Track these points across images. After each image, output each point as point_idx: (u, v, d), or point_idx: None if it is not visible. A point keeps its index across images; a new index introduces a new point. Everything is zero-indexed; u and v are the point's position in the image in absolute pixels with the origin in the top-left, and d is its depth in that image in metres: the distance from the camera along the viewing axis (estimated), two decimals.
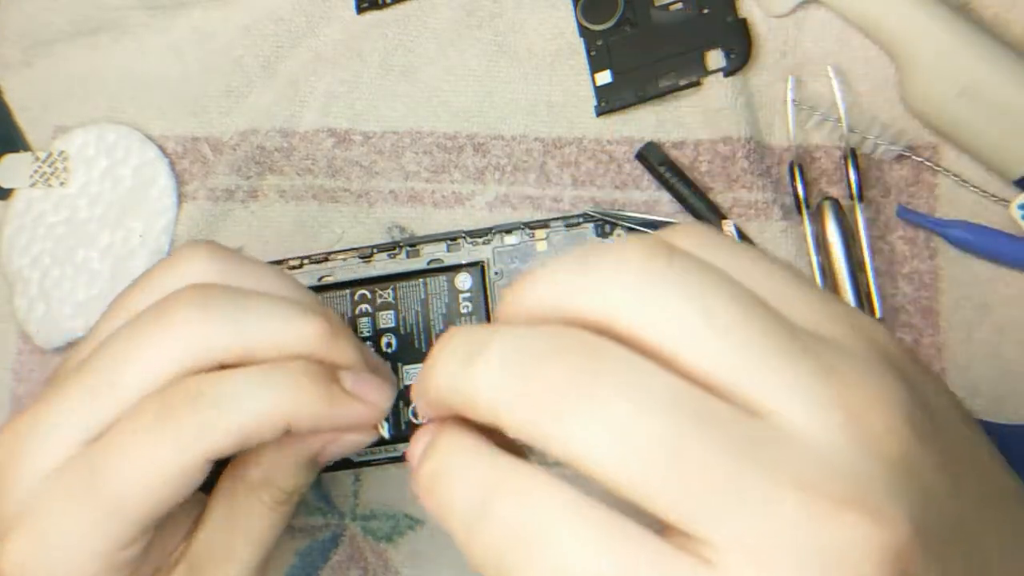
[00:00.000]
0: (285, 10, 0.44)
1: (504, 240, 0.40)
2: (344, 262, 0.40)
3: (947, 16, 0.37)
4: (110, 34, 0.45)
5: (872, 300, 0.38)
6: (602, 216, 0.40)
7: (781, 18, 0.40)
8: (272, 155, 0.43)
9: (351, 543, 0.40)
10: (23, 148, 0.45)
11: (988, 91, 0.37)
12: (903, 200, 0.39)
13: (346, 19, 0.43)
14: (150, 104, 0.44)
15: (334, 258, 0.40)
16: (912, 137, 0.39)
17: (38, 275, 0.43)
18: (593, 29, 0.41)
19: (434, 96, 0.42)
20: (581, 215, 0.40)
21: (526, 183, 0.41)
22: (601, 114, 0.41)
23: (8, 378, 0.44)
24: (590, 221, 0.39)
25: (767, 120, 0.40)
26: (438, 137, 0.42)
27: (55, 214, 0.44)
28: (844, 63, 0.40)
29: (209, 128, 0.44)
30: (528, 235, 0.39)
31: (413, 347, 0.39)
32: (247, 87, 0.44)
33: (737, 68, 0.40)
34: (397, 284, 0.40)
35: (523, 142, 0.41)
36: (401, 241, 0.40)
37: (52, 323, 0.43)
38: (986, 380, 0.37)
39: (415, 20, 0.43)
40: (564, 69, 0.42)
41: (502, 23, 0.42)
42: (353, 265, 0.40)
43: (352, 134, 0.43)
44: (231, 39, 0.44)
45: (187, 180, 0.44)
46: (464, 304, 0.39)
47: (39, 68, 0.45)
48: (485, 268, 0.39)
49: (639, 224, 0.39)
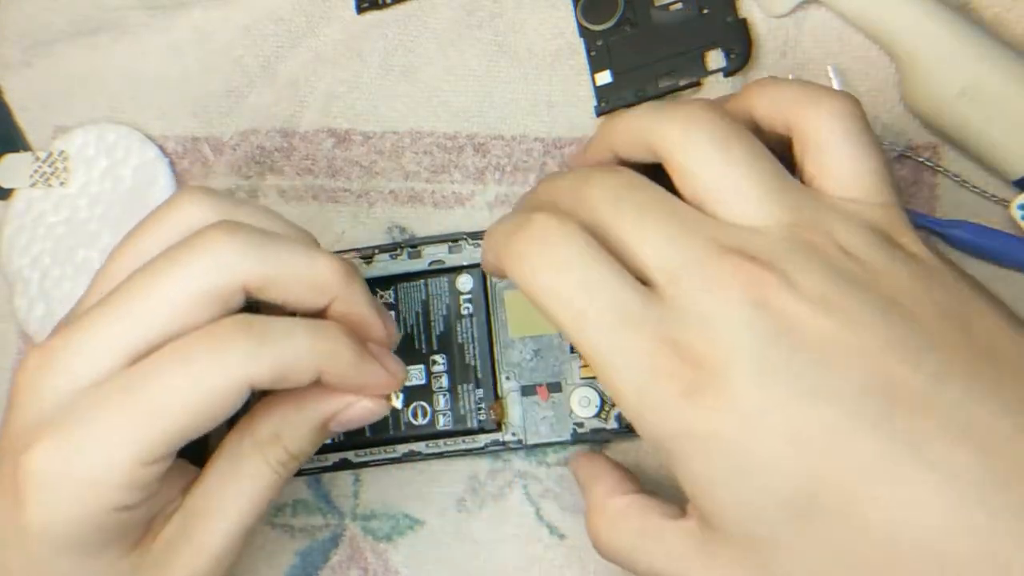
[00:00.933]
0: (285, 10, 0.44)
1: None
2: None
3: (947, 16, 0.37)
4: (110, 34, 0.45)
5: None
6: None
7: (781, 18, 0.40)
8: (272, 155, 0.43)
9: (351, 543, 0.40)
10: (23, 148, 0.45)
11: (988, 91, 0.37)
12: (903, 200, 0.39)
13: (346, 19, 0.43)
14: (150, 104, 0.44)
15: None
16: (912, 137, 0.39)
17: (38, 275, 0.44)
18: (593, 29, 0.41)
19: (434, 96, 0.42)
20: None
21: (526, 183, 0.41)
22: (601, 114, 0.41)
23: (8, 378, 0.44)
24: None
25: None
26: (438, 137, 0.42)
27: (55, 214, 0.44)
28: (844, 63, 0.40)
29: (209, 128, 0.44)
30: None
31: (414, 348, 0.39)
32: (247, 87, 0.44)
33: (737, 68, 0.40)
34: (398, 285, 0.40)
35: (523, 142, 0.42)
36: (402, 242, 0.40)
37: (52, 323, 0.43)
38: None
39: (415, 20, 0.43)
40: (564, 69, 0.42)
41: (502, 23, 0.42)
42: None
43: (352, 134, 0.43)
44: (231, 39, 0.44)
45: (187, 180, 0.44)
46: (465, 306, 0.39)
47: (39, 68, 0.45)
48: None
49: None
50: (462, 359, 0.39)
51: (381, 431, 0.39)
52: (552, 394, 0.38)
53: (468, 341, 0.39)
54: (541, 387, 0.38)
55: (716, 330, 0.25)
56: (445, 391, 0.39)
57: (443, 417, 0.39)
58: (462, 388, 0.39)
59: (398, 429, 0.39)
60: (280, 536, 0.41)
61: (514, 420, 0.38)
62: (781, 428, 0.25)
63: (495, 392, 0.39)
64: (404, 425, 0.39)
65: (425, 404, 0.39)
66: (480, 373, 0.39)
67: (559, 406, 0.38)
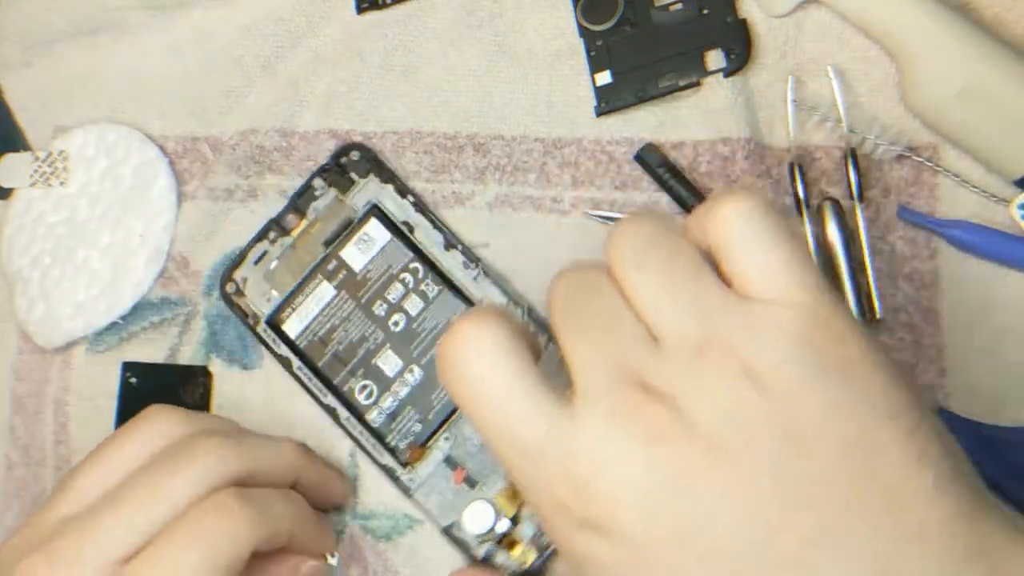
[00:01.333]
0: (285, 10, 0.44)
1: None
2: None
3: (947, 16, 0.37)
4: (110, 34, 0.45)
5: (872, 300, 0.38)
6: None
7: (781, 18, 0.40)
8: (272, 155, 0.43)
9: (351, 542, 0.40)
10: (23, 148, 0.45)
11: (988, 91, 0.37)
12: (903, 200, 0.39)
13: (346, 19, 0.43)
14: (150, 104, 0.44)
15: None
16: (912, 137, 0.39)
17: (38, 275, 0.44)
18: (593, 29, 0.41)
19: (434, 96, 0.42)
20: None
21: (526, 183, 0.41)
22: (601, 114, 0.41)
23: (8, 378, 0.44)
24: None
25: (767, 121, 0.40)
26: (438, 137, 0.42)
27: (55, 214, 0.44)
28: (844, 63, 0.40)
29: (209, 128, 0.44)
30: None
31: (409, 343, 0.40)
32: (247, 87, 0.44)
33: (737, 68, 0.40)
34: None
35: (523, 142, 0.41)
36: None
37: (52, 323, 0.43)
38: (986, 380, 0.37)
39: (415, 20, 0.43)
40: (564, 69, 0.42)
41: (502, 23, 0.42)
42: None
43: (352, 134, 0.43)
44: (231, 39, 0.44)
45: (187, 180, 0.44)
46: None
47: (39, 68, 0.45)
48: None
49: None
50: (430, 390, 0.39)
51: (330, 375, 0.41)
52: (464, 484, 0.39)
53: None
54: (461, 470, 0.39)
55: (611, 468, 0.26)
56: (398, 399, 0.40)
57: (378, 415, 0.40)
58: (410, 411, 0.39)
59: (349, 397, 0.40)
60: None
61: (420, 472, 0.39)
62: (662, 569, 0.25)
63: (427, 439, 0.39)
64: (353, 395, 0.40)
65: (377, 390, 0.40)
66: (432, 415, 0.39)
67: (460, 496, 0.39)
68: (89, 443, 0.43)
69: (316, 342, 0.40)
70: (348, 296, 0.40)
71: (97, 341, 0.43)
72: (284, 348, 0.41)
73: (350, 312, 0.40)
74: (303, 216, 0.41)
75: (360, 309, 0.40)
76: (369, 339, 0.40)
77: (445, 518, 0.39)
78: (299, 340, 0.40)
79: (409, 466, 0.39)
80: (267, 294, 0.41)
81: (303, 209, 0.41)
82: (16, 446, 0.44)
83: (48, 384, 0.44)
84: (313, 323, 0.40)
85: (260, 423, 0.41)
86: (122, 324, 0.43)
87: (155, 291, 0.43)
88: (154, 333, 0.43)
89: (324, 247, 0.41)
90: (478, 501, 0.38)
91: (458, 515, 0.38)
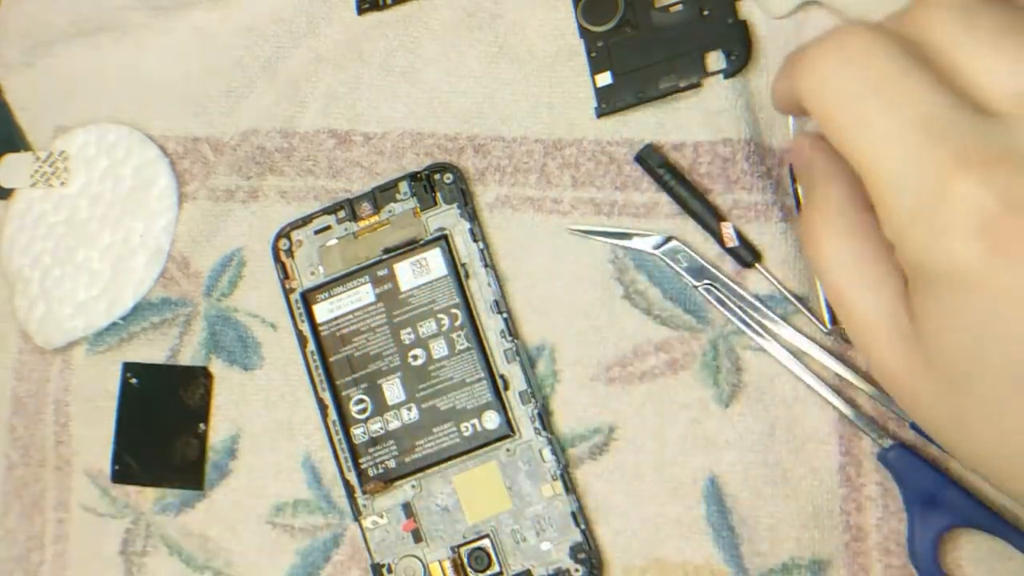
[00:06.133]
0: (286, 11, 0.44)
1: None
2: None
3: None
4: (110, 34, 0.45)
5: None
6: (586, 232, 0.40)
7: (781, 19, 0.40)
8: (272, 155, 0.43)
9: (352, 543, 0.40)
10: (23, 148, 0.45)
11: None
12: None
13: (347, 20, 0.43)
14: (150, 104, 0.44)
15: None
16: None
17: (38, 275, 0.44)
18: (593, 30, 0.41)
19: (435, 97, 0.42)
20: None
21: (527, 184, 0.41)
22: (601, 115, 0.41)
23: (8, 378, 0.44)
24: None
25: (767, 122, 0.40)
26: (439, 138, 0.42)
27: (55, 214, 0.44)
28: None
29: (210, 128, 0.44)
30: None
31: (427, 367, 0.39)
32: (248, 87, 0.44)
33: (737, 70, 0.40)
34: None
35: (523, 143, 0.42)
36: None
37: (52, 323, 0.43)
38: None
39: (416, 21, 0.43)
40: (564, 70, 0.42)
41: (503, 24, 0.42)
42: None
43: (353, 135, 0.43)
44: (231, 39, 0.44)
45: (188, 180, 0.44)
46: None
47: (39, 68, 0.45)
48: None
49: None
50: (419, 436, 0.39)
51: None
52: (410, 536, 0.39)
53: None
54: (412, 521, 0.39)
55: None
56: (386, 429, 0.39)
57: (361, 433, 0.39)
58: (391, 445, 0.39)
59: (343, 404, 0.40)
60: (281, 536, 0.41)
61: (377, 506, 0.39)
62: None
63: (395, 479, 0.39)
64: (348, 403, 0.40)
65: (371, 410, 0.39)
66: (409, 459, 0.39)
67: (402, 544, 0.39)
68: (89, 443, 0.43)
69: (336, 337, 0.40)
70: (384, 309, 0.40)
71: (97, 341, 0.43)
72: (307, 326, 0.40)
73: (379, 325, 0.40)
74: (377, 211, 0.41)
75: (389, 327, 0.40)
76: (385, 359, 0.40)
77: (379, 556, 0.39)
78: (322, 327, 0.40)
79: (369, 495, 0.39)
80: (314, 268, 0.41)
81: (380, 205, 0.41)
82: (16, 446, 0.44)
83: (48, 384, 0.44)
84: (342, 317, 0.40)
85: (260, 423, 0.41)
86: (122, 324, 0.43)
87: (155, 291, 0.43)
88: (154, 333, 0.43)
89: (383, 252, 0.40)
90: (414, 559, 0.39)
91: (394, 560, 0.39)
